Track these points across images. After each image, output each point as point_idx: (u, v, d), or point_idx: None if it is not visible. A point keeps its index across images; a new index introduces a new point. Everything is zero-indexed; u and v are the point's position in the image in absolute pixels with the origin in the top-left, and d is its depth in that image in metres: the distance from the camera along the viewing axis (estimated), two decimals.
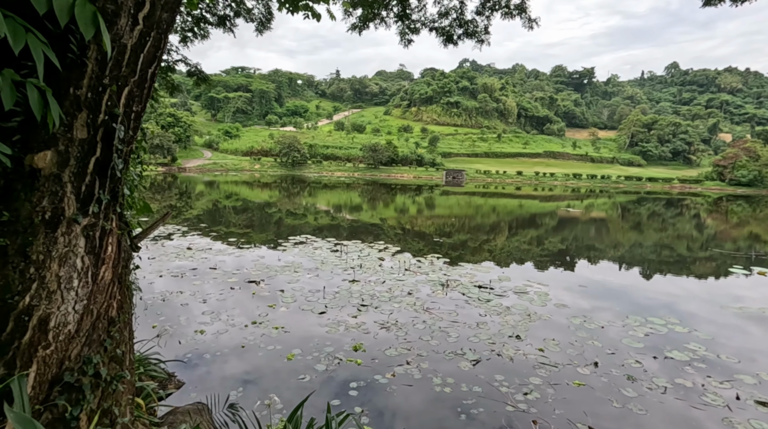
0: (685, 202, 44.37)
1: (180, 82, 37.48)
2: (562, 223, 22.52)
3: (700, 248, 16.32)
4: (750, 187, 67.54)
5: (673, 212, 33.53)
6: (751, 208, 39.39)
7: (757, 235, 22.16)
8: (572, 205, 35.50)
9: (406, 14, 7.63)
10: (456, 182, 65.56)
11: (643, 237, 19.40)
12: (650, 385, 4.62)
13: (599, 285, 9.31)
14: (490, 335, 5.81)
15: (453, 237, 15.74)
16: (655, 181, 77.43)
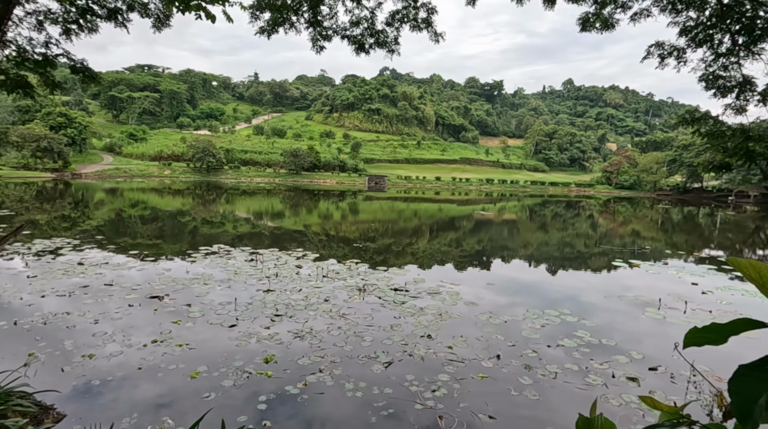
0: (581, 203, 49.60)
1: (68, 77, 34.35)
2: (478, 226, 23.92)
3: (594, 245, 18.34)
4: (631, 189, 77.42)
5: (572, 213, 37.26)
6: (632, 208, 45.16)
7: (638, 231, 25.48)
8: (486, 208, 37.87)
9: (318, 21, 7.63)
10: (379, 187, 66.62)
11: (549, 236, 21.30)
12: (544, 372, 5.07)
13: (509, 282, 10.04)
14: (404, 336, 5.98)
15: (377, 241, 15.96)
16: (556, 185, 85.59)
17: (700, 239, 23.22)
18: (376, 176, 74.33)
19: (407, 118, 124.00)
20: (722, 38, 4.60)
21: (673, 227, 29.52)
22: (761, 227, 31.02)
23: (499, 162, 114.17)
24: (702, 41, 4.71)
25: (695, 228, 29.84)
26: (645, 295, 8.84)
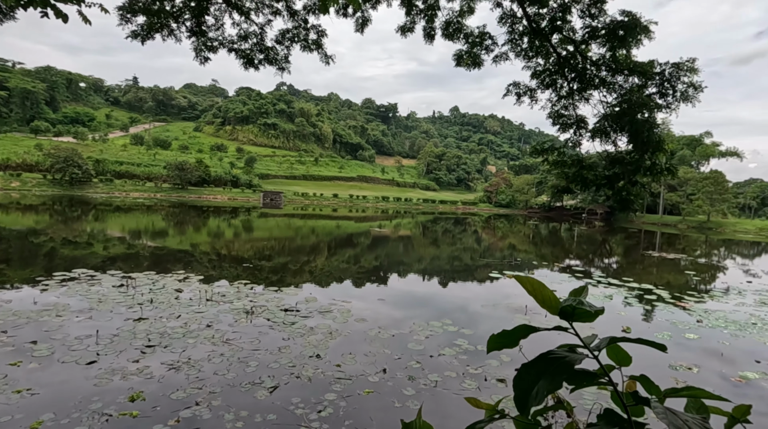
0: (467, 220, 53.97)
1: None
2: (375, 242, 24.51)
3: (479, 257, 20.05)
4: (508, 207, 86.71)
5: (459, 229, 40.27)
6: (509, 224, 50.51)
7: (514, 245, 28.55)
8: (383, 224, 39.05)
9: (202, 31, 7.28)
10: (274, 204, 64.59)
11: (440, 251, 22.71)
12: (426, 381, 5.36)
13: (401, 296, 10.43)
14: (291, 358, 5.83)
15: (272, 260, 15.38)
16: (445, 203, 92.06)
17: (562, 251, 26.87)
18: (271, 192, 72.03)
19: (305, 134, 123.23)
20: (563, 83, 5.53)
21: (541, 241, 33.70)
22: (606, 240, 36.98)
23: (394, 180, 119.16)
24: (548, 84, 5.60)
25: (558, 241, 34.42)
26: (515, 303, 9.91)
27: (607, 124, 5.03)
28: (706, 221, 56.95)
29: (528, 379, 0.94)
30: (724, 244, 36.98)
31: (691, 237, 42.64)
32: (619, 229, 51.41)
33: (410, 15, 7.03)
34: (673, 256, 23.39)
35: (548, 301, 0.96)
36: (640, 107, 4.64)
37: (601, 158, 5.45)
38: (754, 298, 12.16)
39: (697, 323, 8.95)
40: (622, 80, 4.96)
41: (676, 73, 4.52)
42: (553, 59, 5.38)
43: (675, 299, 11.24)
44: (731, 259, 26.66)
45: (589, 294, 11.32)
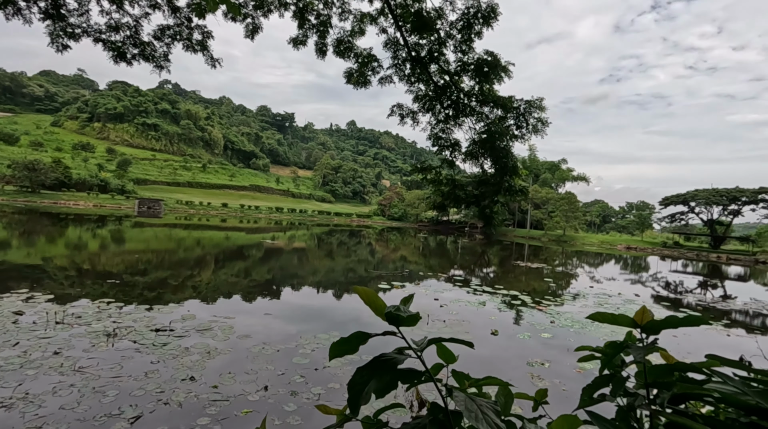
0: (362, 232, 55.01)
1: None
2: (268, 254, 23.56)
3: (372, 269, 20.50)
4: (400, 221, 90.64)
5: (354, 241, 40.83)
6: (401, 236, 52.77)
7: (405, 256, 29.86)
8: (276, 236, 37.78)
9: (60, 14, 6.41)
10: (152, 213, 58.35)
11: (335, 262, 22.71)
12: (309, 395, 5.31)
13: (292, 310, 10.16)
14: (160, 383, 5.31)
15: (148, 275, 13.81)
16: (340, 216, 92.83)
17: (447, 262, 28.90)
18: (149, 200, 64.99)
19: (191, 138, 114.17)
20: (440, 109, 6.09)
21: (430, 253, 35.84)
22: (484, 251, 40.76)
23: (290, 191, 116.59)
24: (428, 109, 6.11)
25: (444, 253, 36.94)
26: None
27: (476, 149, 5.67)
28: (563, 235, 66.34)
29: (361, 381, 1.03)
30: (575, 255, 43.38)
31: (551, 249, 49.20)
32: (495, 241, 57.13)
33: (303, 28, 7.08)
34: (536, 266, 26.74)
35: (379, 309, 1.07)
36: (501, 136, 5.35)
37: (470, 179, 6.10)
38: (594, 301, 14.49)
39: (551, 324, 10.36)
40: (488, 111, 5.65)
41: (529, 109, 5.31)
42: (432, 87, 5.90)
43: (535, 303, 12.85)
44: (580, 267, 31.38)
45: (466, 301, 12.40)
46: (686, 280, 26.51)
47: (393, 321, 1.07)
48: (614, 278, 24.84)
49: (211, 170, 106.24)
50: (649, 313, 1.15)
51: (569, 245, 58.38)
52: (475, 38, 5.27)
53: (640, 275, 28.88)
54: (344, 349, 1.13)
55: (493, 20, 5.15)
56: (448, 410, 1.10)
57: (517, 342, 8.60)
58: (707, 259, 47.47)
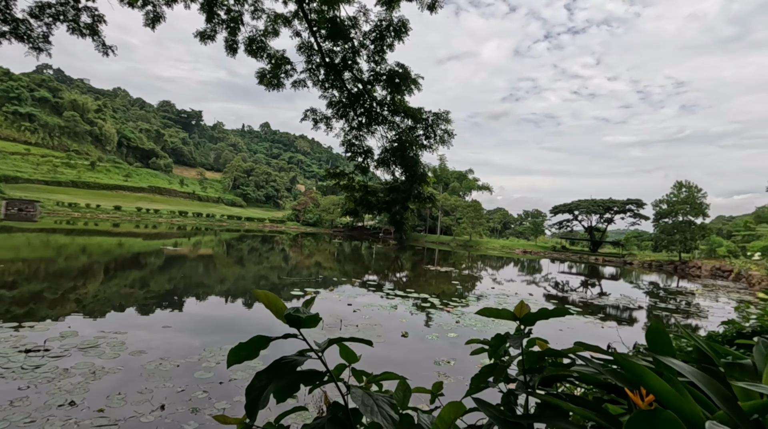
0: (275, 238, 53.22)
1: None
2: (169, 262, 21.67)
3: (286, 275, 19.87)
4: (315, 226, 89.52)
5: (267, 247, 39.34)
6: (316, 242, 52.08)
7: (320, 262, 29.51)
8: (180, 242, 34.98)
9: None
10: (25, 216, 50.51)
11: (246, 270, 21.61)
12: (212, 411, 5.00)
13: (196, 322, 9.45)
14: (30, 412, 4.60)
15: (19, 288, 11.87)
16: (252, 221, 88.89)
17: (362, 267, 29.17)
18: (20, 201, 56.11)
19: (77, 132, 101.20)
20: (354, 116, 6.18)
21: (344, 258, 35.89)
22: (398, 256, 41.91)
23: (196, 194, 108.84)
24: (342, 115, 6.17)
25: (359, 258, 37.25)
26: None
27: (387, 156, 5.86)
28: (469, 240, 70.83)
29: (259, 386, 1.02)
30: (480, 259, 46.56)
31: (459, 253, 52.22)
32: (408, 246, 59.07)
33: (211, 23, 6.72)
34: (445, 269, 28.19)
35: (279, 311, 1.07)
36: (411, 145, 5.61)
37: (382, 185, 6.28)
38: (495, 301, 15.69)
39: (456, 323, 11.00)
40: (399, 120, 5.88)
41: (437, 121, 5.65)
42: (346, 94, 5.98)
43: (444, 305, 13.54)
44: (484, 270, 33.76)
45: (379, 305, 12.64)
46: (571, 280, 29.92)
47: (293, 323, 1.08)
48: (513, 280, 27.15)
49: (102, 169, 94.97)
50: (527, 307, 1.31)
51: (475, 250, 62.52)
52: (387, 50, 5.48)
53: (534, 276, 31.94)
54: (243, 354, 1.11)
55: (403, 34, 5.39)
56: (348, 408, 1.13)
57: (426, 343, 8.98)
58: (588, 261, 54.10)
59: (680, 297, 22.11)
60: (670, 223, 48.70)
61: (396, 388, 1.34)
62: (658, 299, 22.03)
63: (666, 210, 49.00)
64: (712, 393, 1.00)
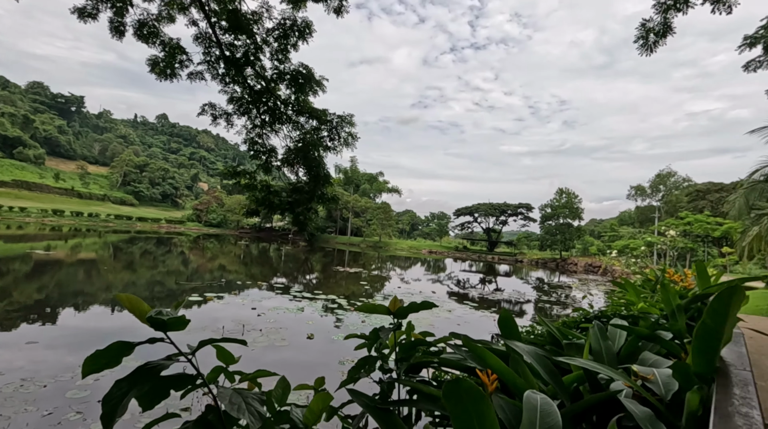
0: (173, 240, 48.97)
1: None
2: (40, 268, 18.73)
3: (186, 280, 18.33)
4: (219, 227, 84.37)
5: (163, 250, 36.05)
6: (220, 244, 49.02)
7: (224, 265, 27.85)
8: (53, 245, 30.51)
9: None
10: None
11: (137, 276, 19.52)
12: None
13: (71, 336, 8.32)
14: None
15: None
16: (145, 221, 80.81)
17: (270, 270, 28.17)
18: None
19: None
20: (257, 114, 5.99)
21: (251, 261, 34.33)
22: (308, 258, 41.29)
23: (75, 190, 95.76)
24: (244, 112, 5.93)
25: (267, 261, 35.91)
26: (213, 325, 9.66)
27: (291, 156, 5.78)
28: (379, 241, 72.41)
29: (119, 394, 0.97)
30: (389, 259, 47.85)
31: (369, 254, 53.10)
32: (318, 248, 58.50)
33: None
34: (355, 270, 28.48)
35: (143, 314, 1.03)
36: (315, 146, 5.61)
37: (285, 186, 6.18)
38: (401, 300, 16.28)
39: (362, 323, 11.19)
40: (304, 121, 5.84)
41: (341, 123, 5.72)
42: (249, 90, 5.77)
43: (351, 306, 13.68)
44: (393, 270, 34.77)
45: (285, 308, 12.36)
46: (471, 278, 32.19)
47: (158, 326, 1.05)
48: (419, 279, 28.37)
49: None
50: (400, 302, 1.42)
51: (384, 250, 64.06)
52: (291, 49, 5.40)
53: (438, 275, 33.73)
54: (102, 362, 1.05)
55: (308, 35, 5.37)
56: (220, 410, 1.13)
57: (333, 344, 9.00)
58: (486, 260, 58.66)
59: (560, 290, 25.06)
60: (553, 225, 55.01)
61: (275, 386, 1.35)
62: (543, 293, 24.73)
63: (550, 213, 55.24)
64: (541, 369, 1.19)
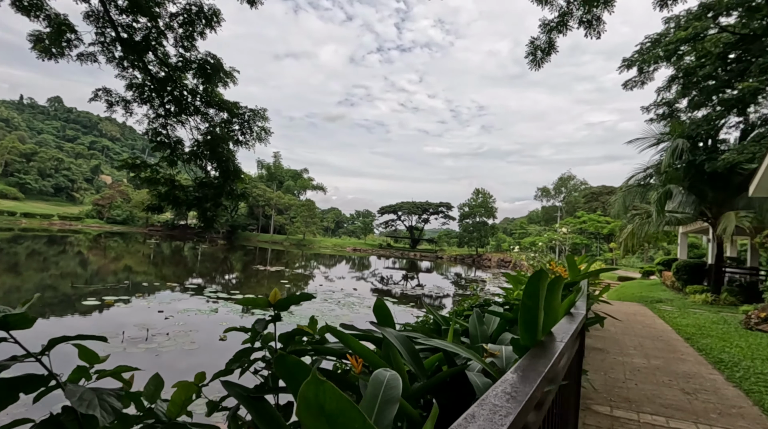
0: (69, 239, 43.72)
1: None
2: None
3: (84, 284, 16.39)
4: (124, 224, 76.97)
5: (56, 250, 32.10)
6: (125, 244, 44.77)
7: (131, 266, 25.49)
8: None
9: None
10: None
11: (22, 279, 17.15)
12: None
13: None
14: None
15: None
16: (33, 217, 71.19)
17: (185, 270, 26.37)
18: None
19: None
20: (162, 103, 5.59)
21: (163, 261, 31.85)
22: (227, 257, 39.34)
23: None
24: (146, 100, 5.50)
25: (181, 261, 33.58)
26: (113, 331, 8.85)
27: (199, 150, 5.49)
28: (303, 239, 71.22)
29: None
30: (313, 257, 47.30)
31: (292, 252, 52.03)
32: (239, 246, 56.02)
33: None
34: (277, 269, 27.76)
35: None
36: (225, 140, 5.39)
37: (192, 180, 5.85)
38: (321, 297, 16.23)
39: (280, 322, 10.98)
40: (214, 113, 5.58)
41: (254, 117, 5.56)
42: (150, 77, 5.36)
43: None
44: (317, 268, 34.44)
45: (197, 309, 11.72)
46: (395, 275, 32.99)
47: None
48: (343, 277, 28.43)
49: None
50: (280, 294, 1.46)
51: (308, 249, 63.14)
52: (198, 37, 5.11)
53: (363, 272, 34.07)
54: None
55: (216, 24, 5.12)
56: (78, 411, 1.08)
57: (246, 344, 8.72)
58: (409, 257, 60.45)
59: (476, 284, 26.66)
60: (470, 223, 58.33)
61: (147, 383, 1.32)
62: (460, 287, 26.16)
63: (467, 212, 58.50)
64: (404, 351, 1.31)
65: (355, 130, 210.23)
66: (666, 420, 3.55)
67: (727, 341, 6.85)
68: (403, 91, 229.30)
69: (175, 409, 1.14)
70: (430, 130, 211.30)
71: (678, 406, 3.91)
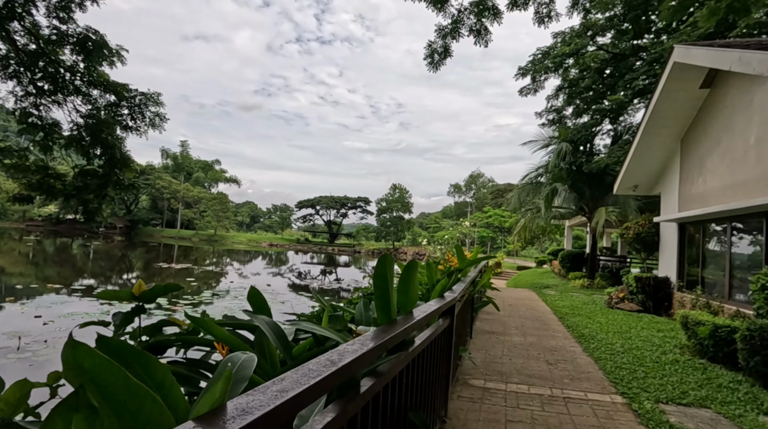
0: None
1: None
2: None
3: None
4: None
5: None
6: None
7: (4, 267, 22.06)
8: None
9: None
10: None
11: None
12: None
13: None
14: None
15: None
16: None
17: (73, 270, 23.45)
18: None
19: None
20: (31, 79, 4.91)
21: (46, 260, 28.02)
22: (125, 255, 35.79)
23: None
24: (11, 75, 4.79)
25: (69, 260, 29.84)
26: None
27: (81, 134, 4.93)
28: (214, 234, 67.28)
29: None
30: (226, 254, 44.95)
31: (202, 248, 48.92)
32: (140, 243, 51.25)
33: None
34: (184, 267, 25.96)
35: None
36: (111, 124, 4.91)
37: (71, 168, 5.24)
38: (232, 294, 15.62)
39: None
40: (98, 94, 5.04)
41: (146, 101, 5.13)
42: (16, 49, 4.68)
43: (171, 305, 12.48)
44: (230, 265, 32.79)
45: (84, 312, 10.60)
46: (313, 270, 32.67)
47: None
48: (259, 273, 27.44)
49: None
50: (145, 286, 1.44)
51: (220, 244, 59.77)
52: (76, 8, 4.56)
53: (280, 268, 33.18)
54: None
55: None
56: None
57: None
58: (327, 252, 60.16)
59: None
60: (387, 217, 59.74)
61: None
62: None
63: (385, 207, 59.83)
64: (274, 337, 1.38)
65: (273, 122, 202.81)
66: (528, 387, 4.09)
67: (591, 318, 7.95)
68: (323, 84, 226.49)
69: (8, 408, 1.08)
70: (350, 125, 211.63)
71: (540, 375, 4.50)
